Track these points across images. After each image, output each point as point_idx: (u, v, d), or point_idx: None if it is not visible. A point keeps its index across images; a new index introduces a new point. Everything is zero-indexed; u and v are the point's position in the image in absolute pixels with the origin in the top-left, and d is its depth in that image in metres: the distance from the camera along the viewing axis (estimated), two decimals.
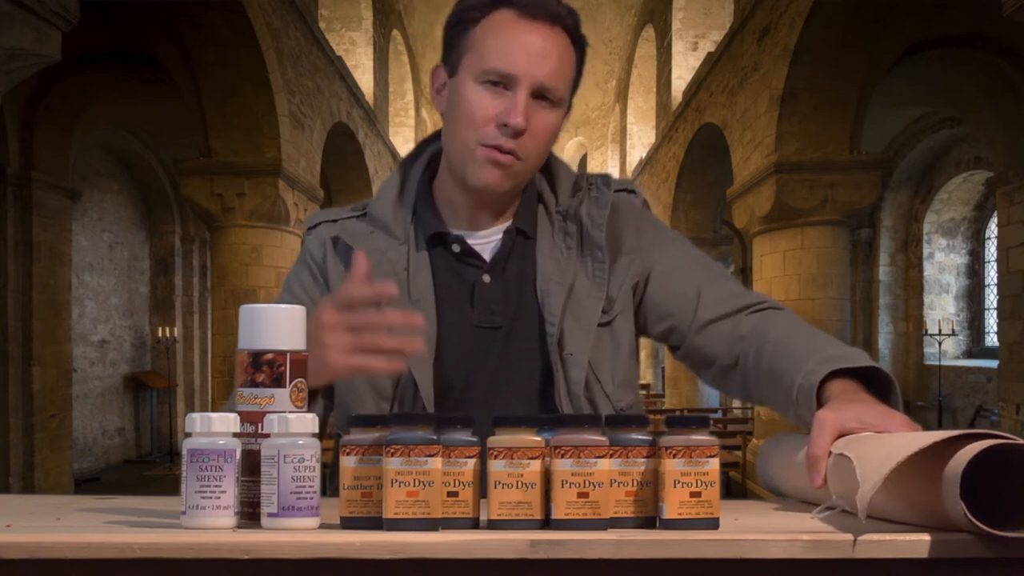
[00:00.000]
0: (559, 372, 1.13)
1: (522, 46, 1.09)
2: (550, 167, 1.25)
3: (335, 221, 1.23)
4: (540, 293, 1.16)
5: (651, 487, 0.81)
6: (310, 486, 0.79)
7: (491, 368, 1.15)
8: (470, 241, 1.19)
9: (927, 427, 1.06)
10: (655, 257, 1.22)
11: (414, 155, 1.27)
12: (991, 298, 11.58)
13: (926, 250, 12.24)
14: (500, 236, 1.19)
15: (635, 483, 0.81)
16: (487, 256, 1.18)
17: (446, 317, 1.15)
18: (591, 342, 1.15)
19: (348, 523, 0.79)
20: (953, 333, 11.78)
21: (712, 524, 0.78)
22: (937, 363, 11.45)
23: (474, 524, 0.80)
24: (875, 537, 0.74)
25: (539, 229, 1.20)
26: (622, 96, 18.46)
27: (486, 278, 1.17)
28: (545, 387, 1.14)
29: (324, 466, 0.91)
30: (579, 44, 1.15)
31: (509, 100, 1.09)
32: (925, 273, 12.25)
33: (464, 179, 1.15)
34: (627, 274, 1.20)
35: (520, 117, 1.08)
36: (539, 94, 1.10)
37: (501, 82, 1.09)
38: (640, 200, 1.29)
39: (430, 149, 1.26)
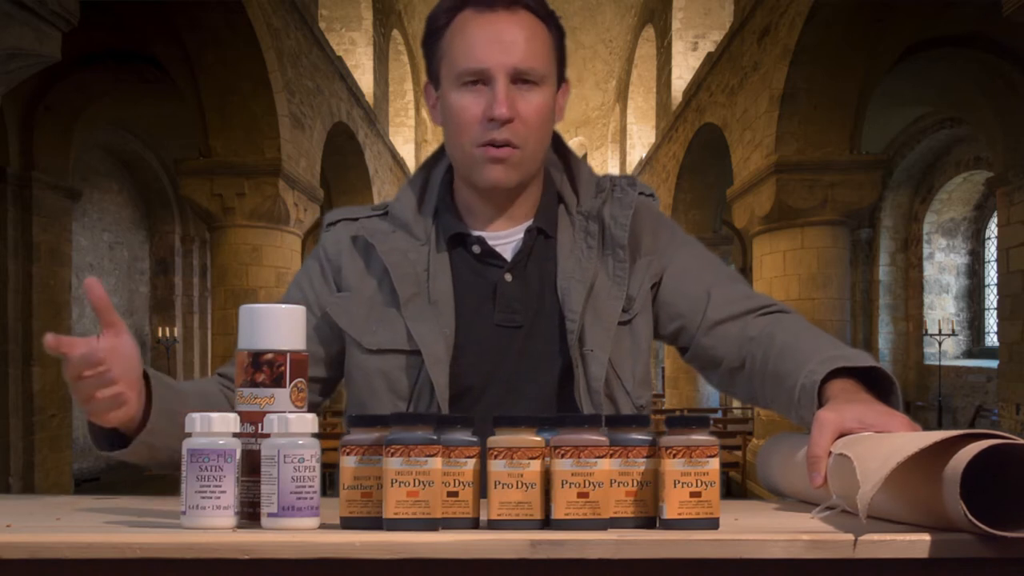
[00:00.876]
0: (579, 368, 1.13)
1: (486, 39, 1.10)
2: (571, 167, 1.25)
3: (355, 219, 1.24)
4: (560, 291, 1.16)
5: (651, 487, 0.81)
6: (310, 486, 0.79)
7: (511, 367, 1.15)
8: (491, 242, 1.19)
9: (927, 427, 1.06)
10: (669, 258, 1.23)
11: (436, 157, 1.28)
12: (991, 298, 11.59)
13: (926, 250, 12.24)
14: (521, 236, 1.20)
15: (635, 483, 0.81)
16: (508, 256, 1.19)
17: (466, 317, 1.15)
18: (611, 339, 1.15)
19: (348, 523, 0.79)
20: (953, 333, 11.78)
21: (712, 524, 0.78)
22: (937, 363, 11.45)
23: (474, 524, 0.80)
24: (875, 537, 0.74)
25: (559, 228, 1.21)
26: (622, 96, 18.46)
27: (508, 277, 1.17)
28: (564, 386, 1.14)
29: (329, 467, 0.91)
30: (548, 20, 1.15)
31: (490, 94, 1.10)
32: (925, 273, 12.25)
33: (473, 183, 1.16)
34: (646, 274, 1.21)
35: (503, 107, 1.09)
36: (518, 79, 1.11)
37: (479, 79, 1.11)
38: (659, 203, 1.30)
39: None
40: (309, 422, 0.80)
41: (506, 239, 1.20)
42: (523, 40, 1.10)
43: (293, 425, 0.79)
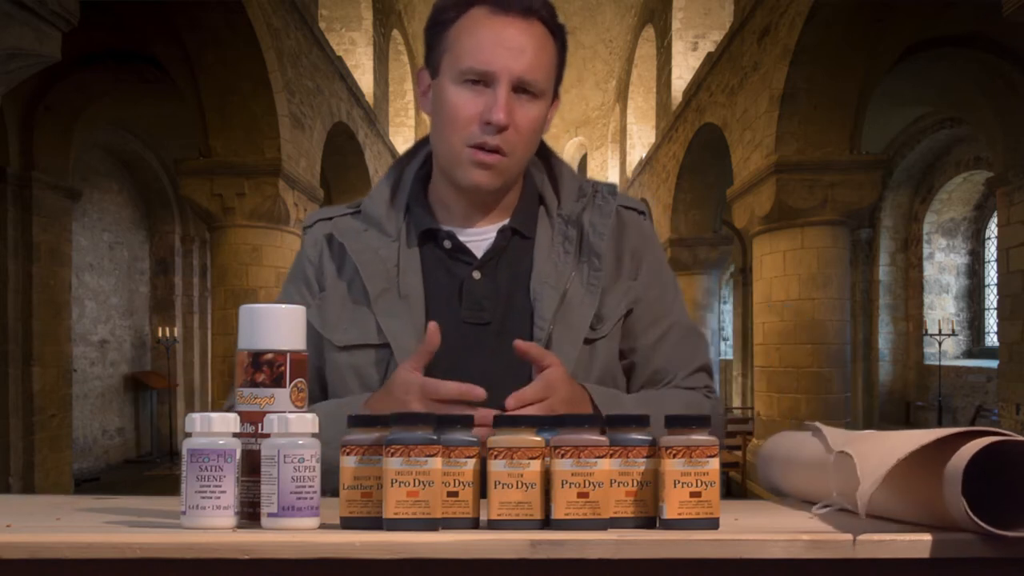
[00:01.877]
0: None
1: (497, 42, 1.09)
2: (553, 169, 1.25)
3: (330, 219, 1.24)
4: (533, 294, 1.16)
5: (651, 487, 0.81)
6: (310, 486, 0.79)
7: (480, 365, 1.14)
8: (462, 238, 1.19)
9: (927, 427, 1.05)
10: (645, 292, 1.22)
11: (410, 154, 1.28)
12: (991, 298, 11.59)
13: (926, 250, 12.24)
14: (494, 234, 1.19)
15: (635, 483, 0.81)
16: (479, 253, 1.18)
17: (435, 313, 1.15)
18: (578, 351, 1.14)
19: (348, 523, 0.79)
20: (953, 333, 11.77)
21: (712, 524, 0.78)
22: (937, 363, 11.45)
23: (474, 524, 0.80)
24: (875, 537, 0.74)
25: (538, 230, 1.20)
26: (622, 96, 18.45)
27: (476, 275, 1.17)
28: None
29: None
30: (557, 34, 1.15)
31: (490, 97, 1.09)
32: (925, 273, 12.25)
33: (454, 180, 1.16)
34: (623, 300, 1.20)
35: (502, 113, 1.08)
36: (520, 88, 1.10)
37: (481, 80, 1.10)
38: (650, 223, 1.28)
39: (427, 148, 1.26)
40: (309, 422, 0.80)
41: (478, 236, 1.20)
42: (532, 50, 1.10)
43: (293, 425, 0.79)
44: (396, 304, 1.15)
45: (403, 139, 16.85)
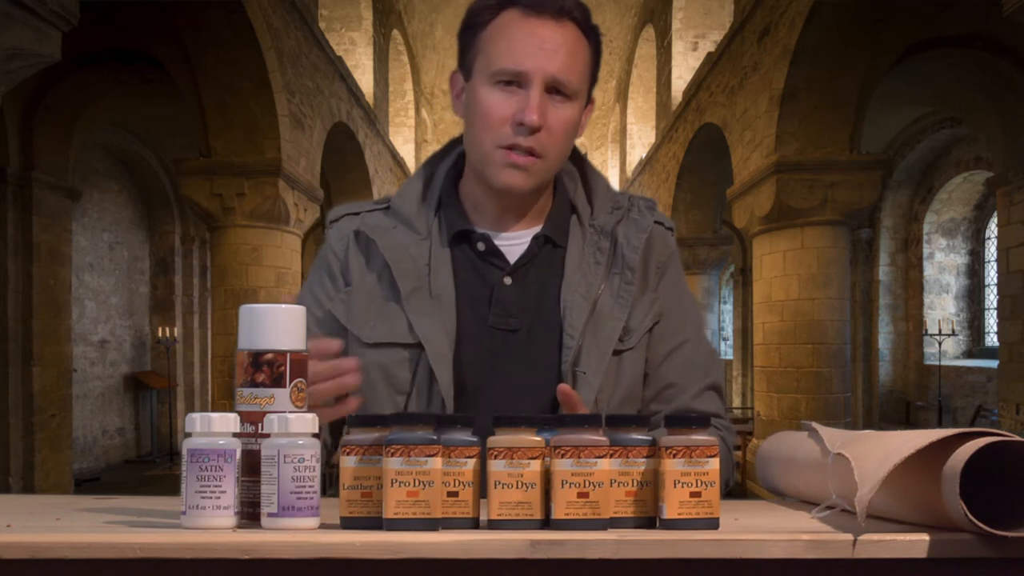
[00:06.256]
0: (570, 386, 1.12)
1: (530, 43, 1.09)
2: (588, 180, 1.24)
3: (357, 214, 1.23)
4: (563, 304, 1.15)
5: (651, 487, 0.81)
6: (310, 486, 0.79)
7: (507, 371, 1.14)
8: (496, 241, 1.18)
9: (927, 427, 1.05)
10: (664, 305, 1.22)
11: (442, 153, 1.27)
12: (991, 298, 11.58)
13: (926, 250, 12.23)
14: (528, 240, 1.19)
15: (635, 483, 0.81)
16: (511, 259, 1.18)
17: (464, 315, 1.15)
18: (606, 363, 1.14)
19: (348, 523, 0.79)
20: (953, 333, 11.77)
21: (712, 524, 0.78)
22: (937, 363, 11.44)
23: (474, 524, 0.80)
24: (875, 537, 0.74)
25: (570, 239, 1.20)
26: (622, 96, 18.46)
27: (507, 280, 1.16)
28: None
29: (333, 466, 0.91)
30: (591, 35, 1.14)
31: (523, 98, 1.09)
32: (925, 273, 12.24)
33: (487, 181, 1.15)
34: (650, 312, 1.19)
35: (535, 114, 1.07)
36: (553, 89, 1.10)
37: (514, 81, 1.09)
38: (674, 239, 1.29)
39: (458, 148, 1.25)
40: (309, 422, 0.80)
41: (512, 241, 1.19)
42: (565, 52, 1.09)
43: (293, 425, 0.79)
44: (427, 303, 1.14)
45: (403, 139, 16.85)
